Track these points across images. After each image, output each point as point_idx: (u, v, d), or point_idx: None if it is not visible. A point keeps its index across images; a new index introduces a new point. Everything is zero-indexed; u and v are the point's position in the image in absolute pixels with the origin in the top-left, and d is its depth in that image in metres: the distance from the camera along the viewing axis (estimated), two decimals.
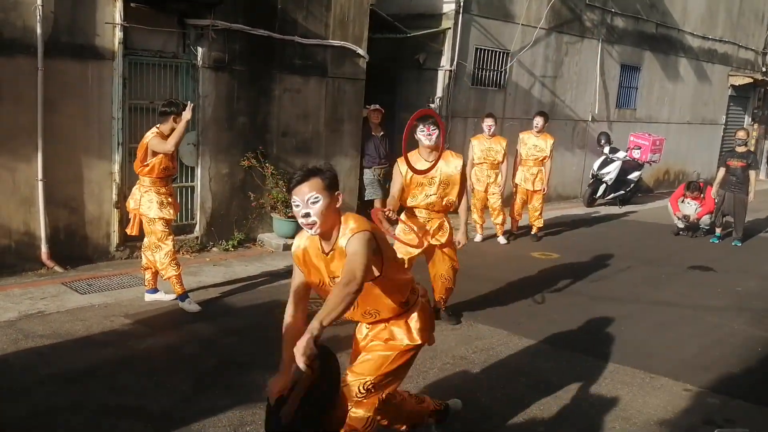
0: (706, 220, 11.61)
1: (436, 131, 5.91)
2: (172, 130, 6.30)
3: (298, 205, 3.24)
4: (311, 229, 3.25)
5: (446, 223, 6.21)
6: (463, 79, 12.12)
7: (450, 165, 6.06)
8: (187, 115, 6.22)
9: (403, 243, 5.84)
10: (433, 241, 6.15)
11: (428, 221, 6.12)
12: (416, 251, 6.09)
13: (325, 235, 3.31)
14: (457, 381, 5.23)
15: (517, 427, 4.58)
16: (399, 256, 5.86)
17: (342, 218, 3.33)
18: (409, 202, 6.10)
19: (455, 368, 5.48)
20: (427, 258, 6.36)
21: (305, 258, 3.45)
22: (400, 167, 5.93)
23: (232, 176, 9.02)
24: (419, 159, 5.98)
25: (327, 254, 3.35)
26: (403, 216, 6.18)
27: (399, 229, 6.16)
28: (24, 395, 4.60)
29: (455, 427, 4.50)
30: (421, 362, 5.53)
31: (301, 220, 3.25)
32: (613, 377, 5.45)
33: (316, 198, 3.21)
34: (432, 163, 5.86)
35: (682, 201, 11.76)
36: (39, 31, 7.03)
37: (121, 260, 8.07)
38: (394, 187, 6.02)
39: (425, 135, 5.93)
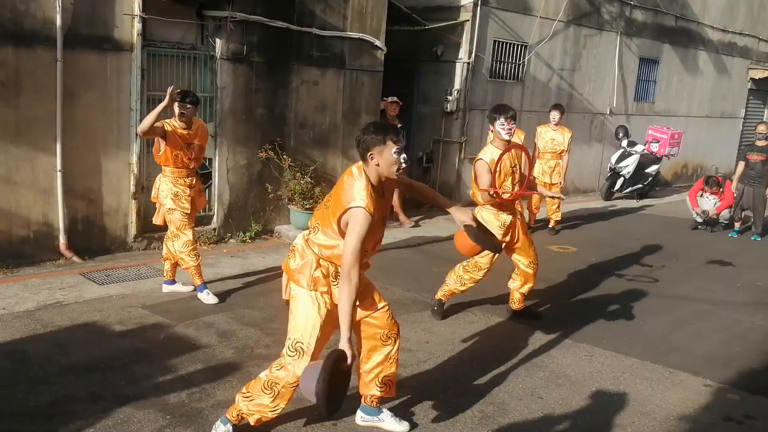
0: (725, 214, 11.51)
1: (514, 126, 5.89)
2: (181, 117, 6.27)
3: (400, 152, 3.74)
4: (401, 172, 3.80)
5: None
6: (480, 71, 12.06)
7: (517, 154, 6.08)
8: (165, 100, 6.10)
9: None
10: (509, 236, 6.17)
11: (510, 211, 6.12)
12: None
13: None
14: (475, 374, 5.21)
15: (535, 422, 4.56)
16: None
17: None
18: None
19: (473, 362, 5.46)
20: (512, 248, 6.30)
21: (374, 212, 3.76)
22: (485, 159, 5.86)
23: (249, 168, 9.03)
24: (491, 150, 5.92)
25: (383, 196, 3.89)
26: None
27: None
28: (42, 385, 4.62)
29: (473, 420, 4.49)
30: (439, 356, 5.53)
31: (402, 165, 3.76)
32: (633, 372, 5.41)
33: None
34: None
35: (701, 195, 11.66)
36: (58, 22, 7.05)
37: (139, 251, 8.11)
38: (484, 182, 5.87)
39: (505, 130, 5.84)
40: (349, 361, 3.64)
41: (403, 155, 3.74)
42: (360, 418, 4.32)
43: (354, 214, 3.65)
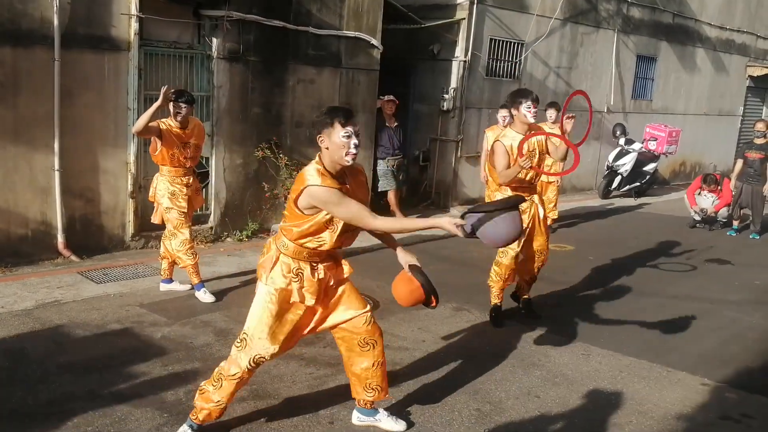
0: (723, 212, 11.51)
1: (538, 109, 5.91)
2: (176, 117, 6.28)
3: (350, 136, 3.61)
4: (354, 158, 3.66)
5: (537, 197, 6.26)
6: (477, 69, 12.06)
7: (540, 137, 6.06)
8: (159, 100, 6.10)
9: None
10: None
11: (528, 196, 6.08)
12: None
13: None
14: (471, 373, 5.21)
15: (532, 421, 4.57)
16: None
17: None
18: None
19: (469, 360, 5.47)
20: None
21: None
22: (504, 142, 5.90)
23: (246, 167, 9.03)
24: (511, 134, 5.95)
25: (344, 183, 3.76)
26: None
27: None
28: (41, 383, 4.63)
29: (469, 419, 4.50)
30: (436, 354, 5.55)
31: (351, 150, 3.62)
32: (630, 371, 5.42)
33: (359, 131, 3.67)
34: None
35: (699, 193, 11.66)
36: (56, 22, 7.05)
37: (137, 250, 8.11)
38: (501, 163, 5.89)
39: (531, 112, 5.83)
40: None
41: (354, 141, 3.63)
42: (356, 418, 4.32)
43: (313, 193, 3.60)
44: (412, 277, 3.90)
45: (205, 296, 6.51)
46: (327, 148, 3.65)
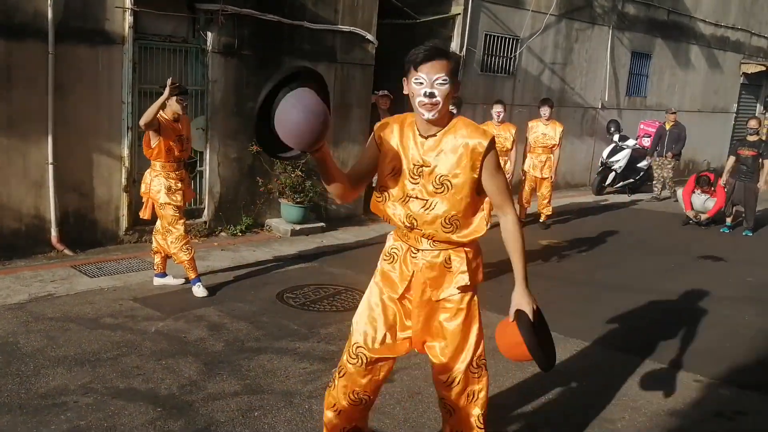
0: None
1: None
2: (173, 111, 6.26)
3: (421, 83, 3.04)
4: (430, 111, 3.02)
5: None
6: (472, 65, 12.06)
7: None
8: (166, 92, 6.09)
9: None
10: None
11: None
12: None
13: (435, 121, 3.09)
14: None
15: (524, 417, 4.58)
16: None
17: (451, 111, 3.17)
18: None
19: None
20: None
21: (400, 137, 3.19)
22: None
23: (240, 161, 9.02)
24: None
25: (426, 138, 3.13)
26: None
27: None
28: (34, 377, 4.62)
29: None
30: None
31: (422, 99, 3.02)
32: (623, 367, 5.43)
33: (444, 80, 3.03)
34: None
35: (693, 193, 11.67)
36: (50, 15, 7.03)
37: (130, 244, 8.10)
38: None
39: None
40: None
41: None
42: None
43: None
44: (515, 328, 3.19)
45: (198, 290, 6.50)
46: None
